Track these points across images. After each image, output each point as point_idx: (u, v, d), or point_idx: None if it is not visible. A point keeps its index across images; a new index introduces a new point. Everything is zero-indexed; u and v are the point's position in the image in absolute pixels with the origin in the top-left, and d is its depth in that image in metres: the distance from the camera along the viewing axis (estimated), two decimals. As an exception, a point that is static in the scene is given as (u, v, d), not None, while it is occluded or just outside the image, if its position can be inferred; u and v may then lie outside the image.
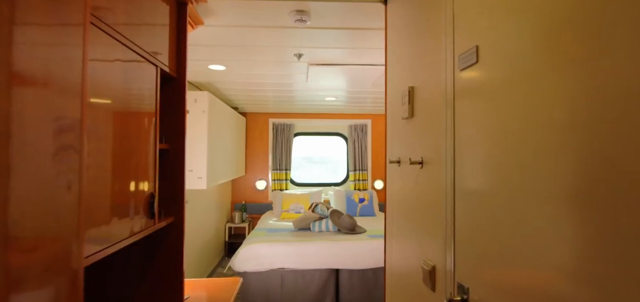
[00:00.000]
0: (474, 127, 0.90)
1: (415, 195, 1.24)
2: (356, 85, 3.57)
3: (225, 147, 4.11)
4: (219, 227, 4.93)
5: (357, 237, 3.74)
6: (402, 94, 1.36)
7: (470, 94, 0.93)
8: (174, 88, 1.47)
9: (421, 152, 1.20)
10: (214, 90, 3.82)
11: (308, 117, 5.73)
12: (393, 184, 1.53)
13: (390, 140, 1.58)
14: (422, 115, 1.21)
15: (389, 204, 1.62)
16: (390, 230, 1.61)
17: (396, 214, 1.49)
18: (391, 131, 1.57)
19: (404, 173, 1.38)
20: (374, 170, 5.85)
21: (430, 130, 1.14)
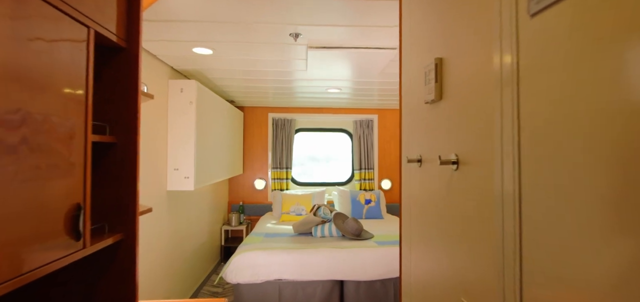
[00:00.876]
0: (562, 108, 0.54)
1: (448, 203, 0.88)
2: (362, 74, 3.20)
3: (219, 144, 3.77)
4: (214, 230, 4.60)
5: (364, 244, 3.38)
6: (425, 70, 1.00)
7: (553, 55, 0.56)
8: (124, 62, 1.12)
9: (455, 148, 0.84)
10: (205, 81, 3.48)
11: (310, 111, 5.37)
12: (411, 187, 1.17)
13: (407, 133, 1.21)
14: (456, 97, 0.85)
15: (405, 209, 1.25)
16: (407, 238, 1.25)
17: (416, 222, 1.13)
18: (408, 121, 1.21)
19: (428, 175, 1.01)
20: (380, 169, 5.48)
21: (470, 117, 0.77)
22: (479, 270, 0.75)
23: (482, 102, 0.74)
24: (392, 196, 5.49)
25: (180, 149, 2.86)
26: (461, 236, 0.82)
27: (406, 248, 1.25)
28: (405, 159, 1.21)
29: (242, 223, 4.96)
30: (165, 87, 2.82)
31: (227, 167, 4.21)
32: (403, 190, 1.25)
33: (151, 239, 2.64)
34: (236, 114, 4.72)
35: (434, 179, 0.97)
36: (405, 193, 1.23)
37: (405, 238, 1.26)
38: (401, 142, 1.25)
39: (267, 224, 4.32)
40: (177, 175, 2.85)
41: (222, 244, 4.84)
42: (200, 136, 3.03)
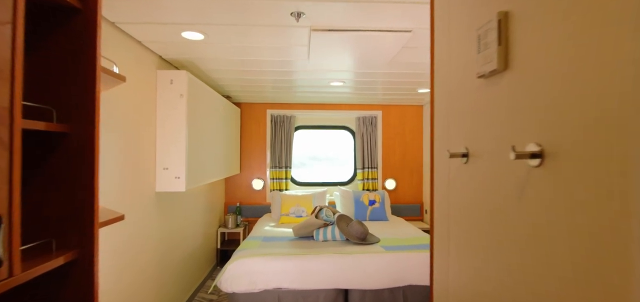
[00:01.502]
0: None
1: (523, 217, 0.63)
2: (368, 64, 2.94)
3: (214, 141, 3.51)
4: (210, 233, 4.34)
5: (370, 249, 3.12)
6: (477, 33, 0.75)
7: None
8: (78, 29, 0.86)
9: (535, 135, 0.59)
10: (198, 72, 3.21)
11: (310, 108, 5.11)
12: (450, 188, 0.91)
13: (443, 120, 0.96)
14: (536, 62, 0.59)
15: (441, 213, 1.01)
16: (443, 246, 1.00)
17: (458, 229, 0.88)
18: (444, 106, 0.96)
19: (479, 172, 0.76)
20: (384, 168, 5.23)
21: (571, 87, 0.52)
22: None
23: (598, 60, 0.48)
24: (397, 197, 5.24)
25: (170, 146, 2.60)
26: (560, 262, 0.57)
27: (441, 257, 0.99)
28: (441, 153, 0.96)
29: (239, 225, 4.70)
30: (152, 78, 2.56)
31: (223, 167, 3.95)
32: (436, 190, 1.00)
33: (137, 247, 2.38)
34: (233, 110, 4.46)
35: (492, 179, 0.71)
36: (440, 193, 0.98)
37: (440, 245, 1.01)
38: (433, 133, 1.00)
39: (266, 226, 4.06)
40: (167, 175, 2.59)
41: (218, 248, 4.58)
42: (193, 133, 2.77)
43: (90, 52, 0.86)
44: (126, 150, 2.21)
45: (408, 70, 3.11)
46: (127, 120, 2.22)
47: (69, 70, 0.86)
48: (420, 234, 3.68)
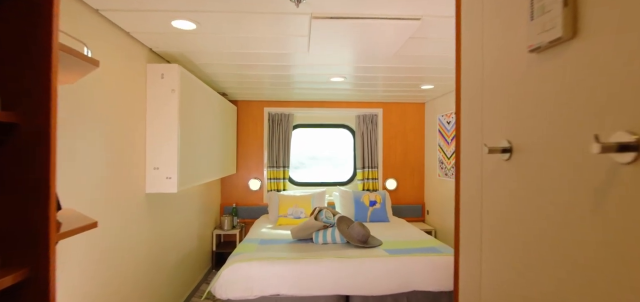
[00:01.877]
0: None
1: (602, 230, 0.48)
2: (371, 58, 2.79)
3: (209, 140, 3.34)
4: (205, 235, 4.17)
5: (372, 253, 2.97)
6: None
7: None
8: (31, 2, 0.70)
9: (622, 121, 0.44)
10: (191, 67, 3.05)
11: (309, 105, 4.95)
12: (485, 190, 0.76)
13: (475, 109, 0.81)
14: (620, 25, 0.44)
15: (470, 218, 0.86)
16: (472, 254, 0.85)
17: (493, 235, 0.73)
18: (475, 92, 0.80)
19: (530, 172, 0.61)
20: (385, 167, 5.08)
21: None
22: None
23: None
24: (398, 197, 5.10)
25: (160, 145, 2.43)
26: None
27: (470, 264, 0.84)
28: (469, 149, 0.81)
29: (235, 227, 4.54)
30: (142, 72, 2.39)
31: (218, 166, 3.78)
32: (465, 191, 0.85)
33: (125, 251, 2.21)
34: (229, 108, 4.30)
35: (550, 179, 0.56)
36: (469, 195, 0.83)
37: (468, 252, 0.86)
38: (459, 126, 0.84)
39: (263, 228, 3.90)
40: (158, 175, 2.42)
41: (213, 250, 4.42)
42: (185, 130, 2.61)
43: (45, 28, 0.70)
44: (113, 149, 2.05)
45: (412, 64, 2.96)
46: (114, 116, 2.06)
47: (20, 50, 0.70)
48: (423, 236, 3.54)
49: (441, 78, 3.48)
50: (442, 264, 2.83)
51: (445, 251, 2.98)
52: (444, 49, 2.53)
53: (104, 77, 1.95)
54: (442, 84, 3.79)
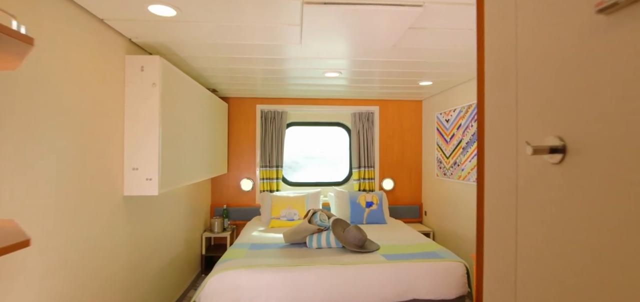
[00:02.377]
0: None
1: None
2: (367, 51, 2.62)
3: (197, 138, 3.15)
4: (193, 238, 3.98)
5: (369, 258, 2.80)
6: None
7: None
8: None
9: None
10: (177, 61, 2.85)
11: (303, 103, 4.77)
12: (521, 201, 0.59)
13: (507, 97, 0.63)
14: None
15: (499, 235, 0.69)
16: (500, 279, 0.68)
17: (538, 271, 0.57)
18: (507, 75, 0.63)
19: (592, 185, 0.44)
20: (382, 167, 4.92)
21: None
22: None
23: None
24: (395, 197, 4.94)
25: (140, 143, 2.24)
26: None
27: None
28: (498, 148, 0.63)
29: (226, 229, 4.35)
30: (120, 64, 2.20)
31: (207, 166, 3.59)
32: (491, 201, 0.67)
33: (101, 259, 2.02)
34: (219, 105, 4.10)
35: (623, 192, 0.39)
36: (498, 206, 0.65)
37: (497, 278, 0.68)
38: (483, 119, 0.67)
39: (254, 231, 3.72)
40: (137, 176, 2.23)
41: (202, 254, 4.22)
42: (168, 128, 2.42)
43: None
44: (83, 148, 1.86)
45: (411, 58, 2.79)
46: (85, 112, 1.87)
47: None
48: (422, 240, 3.38)
49: (441, 74, 3.32)
50: (443, 270, 2.67)
51: (447, 256, 2.82)
52: (445, 41, 2.37)
53: (73, 68, 1.76)
54: (442, 80, 3.63)
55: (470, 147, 3.55)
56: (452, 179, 3.97)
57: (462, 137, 3.71)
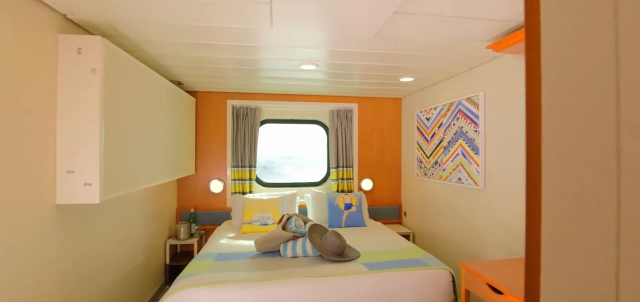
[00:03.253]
0: None
1: None
2: (346, 39, 2.36)
3: (156, 136, 2.79)
4: (156, 246, 3.60)
5: (349, 268, 2.55)
6: None
7: None
8: None
9: None
10: (130, 46, 2.49)
11: (278, 99, 4.47)
12: (626, 235, 0.34)
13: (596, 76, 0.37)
14: None
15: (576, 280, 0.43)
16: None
17: None
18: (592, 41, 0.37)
19: None
20: (360, 166, 4.69)
21: None
22: None
23: None
24: (374, 198, 4.72)
25: (77, 141, 1.88)
26: None
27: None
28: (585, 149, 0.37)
29: (193, 235, 3.99)
30: (51, 45, 1.83)
31: (171, 167, 3.23)
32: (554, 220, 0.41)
33: (24, 281, 1.66)
34: (185, 100, 3.74)
35: None
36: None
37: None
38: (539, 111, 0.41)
39: (222, 239, 3.38)
40: (73, 181, 1.87)
41: (167, 263, 3.84)
42: (114, 123, 2.06)
43: None
44: (1, 147, 1.49)
45: (393, 50, 2.55)
46: (3, 103, 1.50)
47: None
48: (404, 244, 3.16)
49: (422, 69, 3.11)
50: (428, 279, 2.45)
51: (431, 264, 2.60)
52: (430, 30, 2.14)
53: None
54: (423, 77, 3.42)
55: (452, 147, 3.37)
56: (433, 179, 3.79)
57: (444, 136, 3.53)
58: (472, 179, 3.04)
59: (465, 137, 3.14)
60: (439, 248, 3.70)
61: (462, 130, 3.20)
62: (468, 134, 3.10)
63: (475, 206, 3.04)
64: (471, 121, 3.05)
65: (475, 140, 2.99)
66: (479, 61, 2.87)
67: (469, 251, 3.15)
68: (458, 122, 3.26)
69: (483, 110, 2.90)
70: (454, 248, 3.42)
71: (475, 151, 2.99)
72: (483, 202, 2.92)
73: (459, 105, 3.23)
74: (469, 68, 3.08)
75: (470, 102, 3.05)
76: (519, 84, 2.51)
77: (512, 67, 2.59)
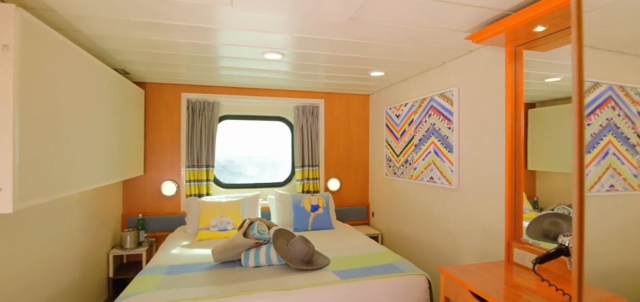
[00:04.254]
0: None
1: None
2: (317, 25, 2.12)
3: (93, 132, 2.39)
4: (96, 258, 3.14)
5: (319, 278, 2.31)
6: None
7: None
8: None
9: None
10: (58, 22, 2.07)
11: (239, 92, 4.14)
12: None
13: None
14: None
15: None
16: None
17: None
18: None
19: None
20: (327, 166, 4.48)
21: None
22: None
23: None
24: (341, 199, 4.54)
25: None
26: None
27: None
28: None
29: (142, 244, 3.56)
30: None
31: (114, 167, 2.82)
32: None
33: None
34: (132, 92, 3.31)
35: None
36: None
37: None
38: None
39: (175, 248, 3.01)
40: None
41: (110, 277, 3.38)
42: (36, 114, 1.68)
43: None
44: None
45: (366, 40, 2.36)
46: None
47: None
48: (375, 248, 2.99)
49: (396, 62, 2.95)
50: (404, 286, 2.29)
51: (407, 269, 2.44)
52: (409, 17, 1.96)
53: None
54: (395, 71, 3.28)
55: (423, 144, 3.25)
56: (403, 179, 3.66)
57: (415, 133, 3.41)
58: (445, 178, 2.93)
59: (438, 135, 3.03)
60: (410, 250, 3.58)
61: (434, 128, 3.08)
62: (441, 131, 2.99)
63: (448, 206, 2.93)
64: (444, 118, 2.94)
65: (448, 137, 2.89)
66: (453, 56, 2.76)
67: (442, 253, 3.05)
68: (430, 119, 3.15)
69: (457, 106, 2.79)
70: (425, 250, 3.30)
71: (448, 148, 2.88)
72: (457, 202, 2.82)
73: (432, 101, 3.12)
74: (442, 63, 2.98)
75: (444, 98, 2.95)
76: (497, 79, 2.41)
77: (488, 61, 2.50)
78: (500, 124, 2.38)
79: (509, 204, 2.21)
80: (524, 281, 1.89)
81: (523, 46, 2.16)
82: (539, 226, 2.11)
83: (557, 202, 2.05)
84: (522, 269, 2.07)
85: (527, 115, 2.18)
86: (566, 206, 2.05)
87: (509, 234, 2.21)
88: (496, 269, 2.11)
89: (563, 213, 2.06)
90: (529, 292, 1.72)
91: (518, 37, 2.07)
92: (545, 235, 2.06)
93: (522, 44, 2.16)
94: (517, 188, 2.21)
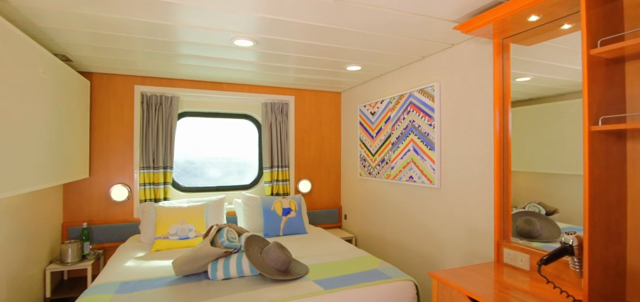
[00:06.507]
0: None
1: None
2: (296, 6, 1.89)
3: (25, 126, 1.97)
4: (29, 276, 2.65)
5: (299, 289, 2.06)
6: None
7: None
8: None
9: None
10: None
11: (201, 86, 3.78)
12: None
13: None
14: None
15: None
16: None
17: None
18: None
19: None
20: (297, 166, 4.24)
21: None
22: None
23: None
24: (312, 201, 4.31)
25: None
26: None
27: None
28: None
29: (87, 257, 3.09)
30: None
31: (53, 169, 2.38)
32: None
33: None
34: (74, 82, 2.85)
35: None
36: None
37: None
38: None
39: (127, 261, 2.61)
40: None
41: (46, 297, 2.88)
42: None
43: None
44: None
45: (346, 26, 2.16)
46: None
47: None
48: (356, 253, 2.79)
49: (375, 55, 2.79)
50: (392, 294, 2.10)
51: (394, 275, 2.26)
52: (395, 1, 1.79)
53: None
54: (372, 65, 3.12)
55: (402, 142, 3.12)
56: (379, 179, 3.51)
57: (392, 131, 3.27)
58: (426, 176, 2.81)
59: (418, 132, 2.90)
60: (387, 254, 3.43)
61: (413, 125, 2.95)
62: (421, 128, 2.86)
63: (430, 206, 2.81)
64: (425, 114, 2.82)
65: (429, 135, 2.76)
66: (434, 49, 2.64)
67: (423, 256, 2.91)
68: (409, 115, 3.02)
69: (438, 102, 2.68)
70: (404, 253, 3.16)
71: (429, 146, 2.76)
72: (439, 202, 2.70)
73: (411, 97, 2.99)
74: (422, 57, 2.86)
75: (424, 93, 2.82)
76: (480, 74, 2.31)
77: (472, 55, 2.40)
78: (485, 120, 2.28)
79: (498, 203, 2.11)
80: (522, 283, 1.77)
81: (510, 38, 2.07)
82: (513, 224, 2.05)
83: (525, 200, 2.00)
84: (515, 270, 1.96)
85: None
86: (536, 203, 1.99)
87: (499, 234, 2.11)
88: (488, 271, 1.98)
89: (534, 211, 2.00)
90: (536, 298, 1.60)
91: (507, 28, 1.97)
92: (520, 233, 2.01)
93: (510, 36, 2.07)
94: (505, 186, 2.11)
